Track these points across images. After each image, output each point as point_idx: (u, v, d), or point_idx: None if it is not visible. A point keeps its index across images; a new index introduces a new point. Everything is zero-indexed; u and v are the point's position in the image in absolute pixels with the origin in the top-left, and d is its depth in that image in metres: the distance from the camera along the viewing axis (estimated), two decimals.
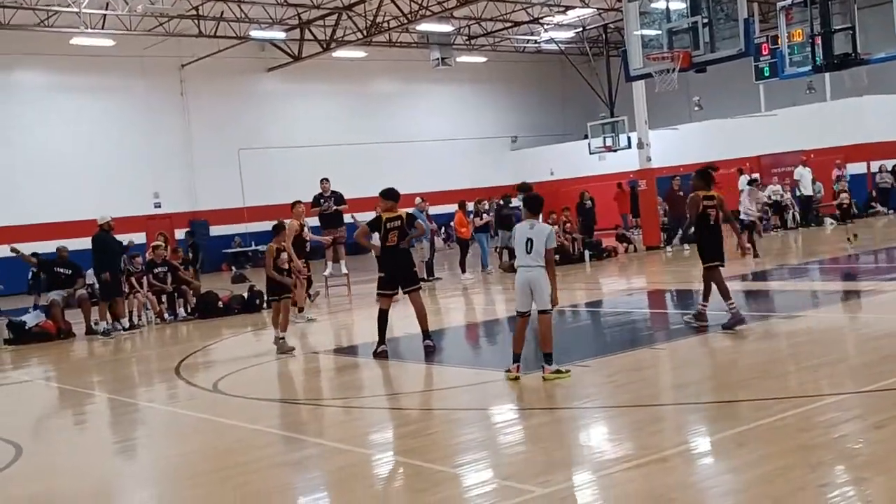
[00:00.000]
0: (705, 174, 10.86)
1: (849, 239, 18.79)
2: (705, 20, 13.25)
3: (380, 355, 10.52)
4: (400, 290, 10.78)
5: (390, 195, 10.76)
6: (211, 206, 33.36)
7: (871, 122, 29.98)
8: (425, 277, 19.42)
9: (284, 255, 12.24)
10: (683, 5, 14.14)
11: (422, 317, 10.68)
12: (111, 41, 29.05)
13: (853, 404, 6.87)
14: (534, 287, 8.49)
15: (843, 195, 27.14)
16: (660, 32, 14.44)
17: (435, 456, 6.42)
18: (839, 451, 5.79)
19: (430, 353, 10.51)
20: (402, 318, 12.66)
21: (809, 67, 15.32)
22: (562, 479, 5.67)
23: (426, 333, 10.70)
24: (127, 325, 15.94)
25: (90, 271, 16.81)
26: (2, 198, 28.96)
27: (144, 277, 17.12)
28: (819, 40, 15.08)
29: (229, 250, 33.25)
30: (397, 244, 10.57)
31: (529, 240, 8.50)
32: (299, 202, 16.21)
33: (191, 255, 22.77)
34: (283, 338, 11.67)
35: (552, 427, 7.13)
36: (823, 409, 6.81)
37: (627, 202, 32.81)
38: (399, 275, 10.64)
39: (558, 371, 8.53)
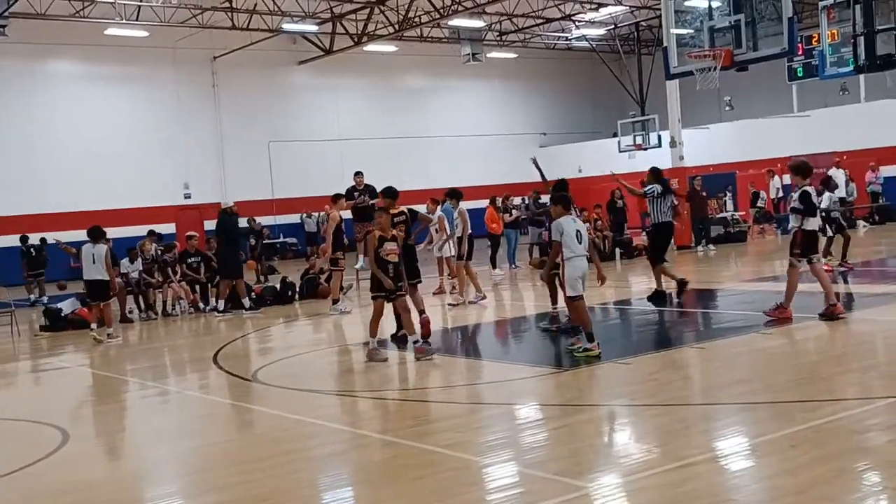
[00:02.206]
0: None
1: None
2: (748, 19, 13.12)
3: (399, 339, 10.85)
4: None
5: (393, 193, 11.25)
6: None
7: None
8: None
9: (390, 245, 10.16)
10: (723, 3, 14.04)
11: (419, 310, 10.80)
12: (145, 32, 29.23)
13: None
14: (587, 273, 9.42)
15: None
16: (699, 30, 14.34)
17: (478, 450, 6.42)
18: (893, 454, 5.73)
19: (420, 355, 10.12)
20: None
21: (851, 68, 15.13)
22: (613, 478, 5.65)
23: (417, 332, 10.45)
24: (248, 304, 16.17)
25: (125, 260, 16.93)
26: (35, 186, 29.22)
27: (178, 267, 17.20)
28: (860, 40, 14.84)
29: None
30: (405, 240, 10.82)
31: (579, 231, 9.32)
32: (341, 195, 16.17)
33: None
34: (376, 347, 10.41)
35: (598, 424, 7.11)
36: (875, 412, 6.74)
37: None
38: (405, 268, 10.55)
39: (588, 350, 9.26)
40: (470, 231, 16.25)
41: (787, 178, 29.71)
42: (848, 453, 5.74)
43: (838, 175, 25.07)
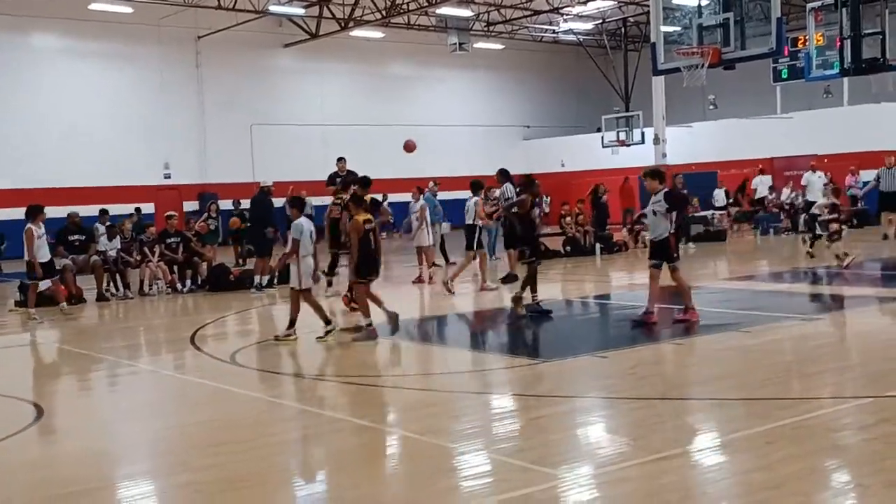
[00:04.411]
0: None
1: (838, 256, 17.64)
2: (736, 17, 13.18)
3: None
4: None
5: (368, 182, 11.69)
6: (221, 180, 33.29)
7: (889, 128, 29.85)
8: (447, 261, 19.61)
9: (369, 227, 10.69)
10: (712, 1, 14.09)
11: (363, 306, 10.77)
12: (129, 8, 28.98)
13: (878, 408, 6.84)
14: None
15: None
16: (687, 28, 14.40)
17: (453, 437, 6.41)
18: (867, 453, 5.77)
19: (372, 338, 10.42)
20: (414, 301, 12.63)
21: (836, 70, 15.23)
22: (587, 469, 5.65)
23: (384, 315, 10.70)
24: (265, 282, 16.55)
25: (103, 238, 16.81)
26: (14, 161, 28.91)
27: (156, 247, 17.08)
28: (846, 43, 14.94)
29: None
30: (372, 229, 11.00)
31: (311, 231, 10.64)
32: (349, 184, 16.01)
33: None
34: (370, 323, 10.61)
35: (573, 416, 7.11)
36: (849, 411, 6.79)
37: (632, 197, 32.80)
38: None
39: None
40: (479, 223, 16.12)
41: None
42: (822, 451, 5.78)
43: (813, 179, 25.13)
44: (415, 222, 16.82)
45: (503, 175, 14.58)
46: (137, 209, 19.04)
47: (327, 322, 10.52)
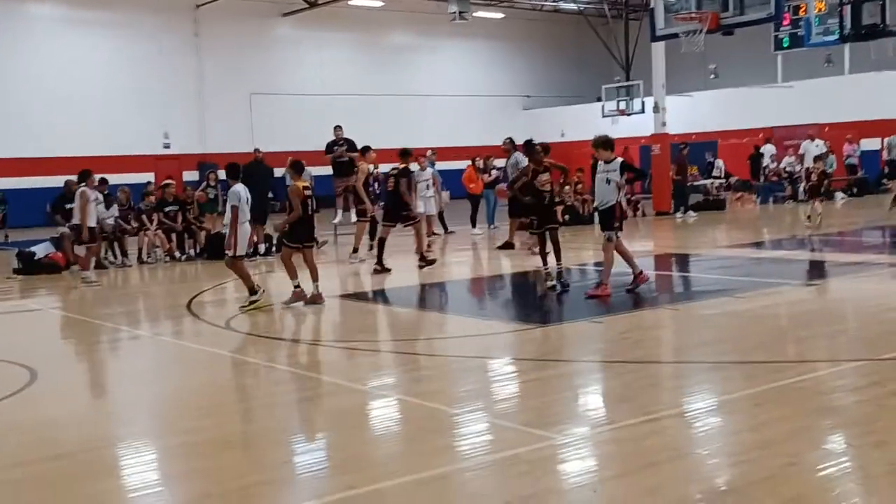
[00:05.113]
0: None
1: (809, 217, 18.37)
2: None
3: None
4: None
5: (300, 168, 11.44)
6: (220, 150, 33.16)
7: (889, 97, 29.68)
8: (445, 230, 19.74)
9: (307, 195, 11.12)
10: None
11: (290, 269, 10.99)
12: None
13: (870, 371, 6.86)
14: None
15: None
16: None
17: (449, 400, 6.43)
18: (858, 415, 5.79)
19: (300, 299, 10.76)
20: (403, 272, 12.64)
21: (836, 37, 15.13)
22: (579, 430, 5.69)
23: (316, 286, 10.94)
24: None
25: (101, 206, 16.75)
26: (11, 130, 28.81)
27: (155, 215, 17.08)
28: (847, 10, 14.84)
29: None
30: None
31: (248, 199, 10.88)
32: (369, 147, 15.88)
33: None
34: (297, 285, 10.96)
35: (569, 379, 7.13)
36: (841, 374, 6.82)
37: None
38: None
39: None
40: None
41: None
42: (813, 412, 5.80)
43: (811, 148, 25.02)
44: (428, 191, 16.80)
45: (511, 144, 14.41)
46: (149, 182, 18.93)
47: (252, 292, 10.54)
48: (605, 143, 10.77)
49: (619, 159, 10.73)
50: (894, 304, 9.80)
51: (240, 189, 10.74)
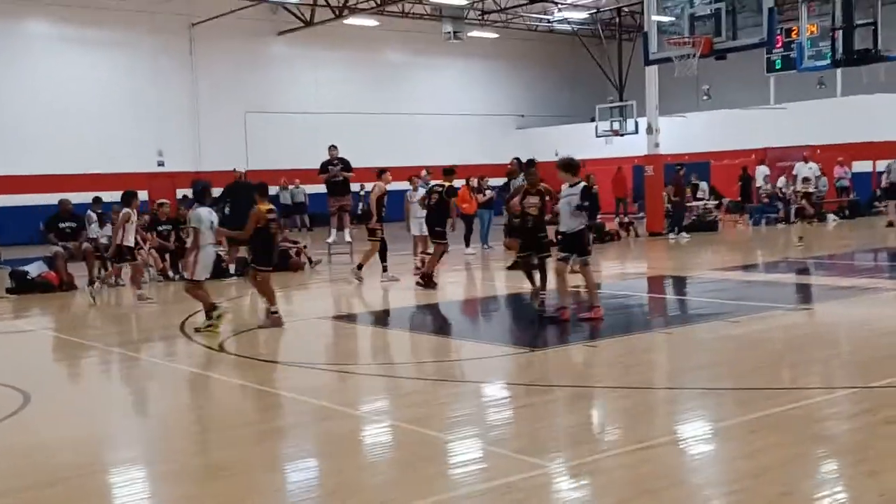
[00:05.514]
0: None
1: (800, 238, 19.09)
2: (728, 7, 13.17)
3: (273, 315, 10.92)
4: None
5: (265, 191, 11.43)
6: (214, 168, 33.17)
7: (882, 119, 29.88)
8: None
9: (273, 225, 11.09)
10: None
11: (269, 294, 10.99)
12: None
13: (862, 398, 6.88)
14: None
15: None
16: (679, 17, 14.38)
17: (441, 426, 6.43)
18: (850, 443, 5.80)
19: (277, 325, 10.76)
20: (402, 290, 12.63)
21: (828, 61, 15.24)
22: (573, 457, 5.68)
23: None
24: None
25: (94, 225, 16.79)
26: (6, 148, 28.80)
27: (148, 235, 17.06)
28: (839, 34, 14.96)
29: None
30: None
31: (213, 222, 10.68)
32: (385, 169, 15.62)
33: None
34: (276, 311, 10.97)
35: (562, 405, 7.13)
36: (835, 401, 6.83)
37: (624, 187, 32.87)
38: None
39: None
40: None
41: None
42: (807, 440, 5.81)
43: (804, 170, 25.14)
44: (420, 211, 16.75)
45: (519, 164, 14.41)
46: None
47: (209, 316, 10.50)
48: (565, 166, 10.49)
49: (582, 184, 10.39)
50: (885, 329, 9.82)
51: (203, 212, 10.60)
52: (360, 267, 15.25)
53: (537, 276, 11.48)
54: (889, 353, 8.46)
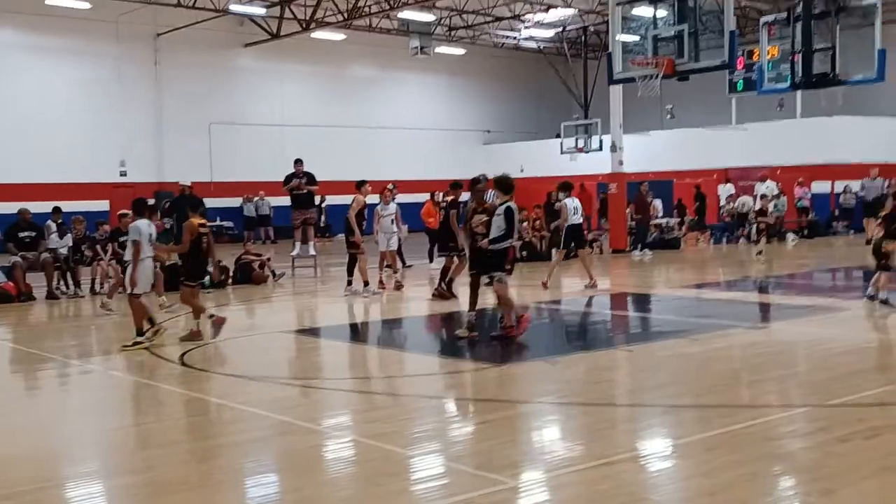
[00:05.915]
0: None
1: (759, 252, 20.45)
2: (691, 29, 13.36)
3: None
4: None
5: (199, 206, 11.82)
6: (177, 179, 32.88)
7: (840, 142, 30.44)
8: (403, 265, 19.63)
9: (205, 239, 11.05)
10: (669, 13, 14.28)
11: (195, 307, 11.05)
12: (87, 4, 28.57)
13: (817, 416, 6.99)
14: None
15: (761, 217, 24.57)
16: (644, 38, 14.57)
17: (403, 441, 6.42)
18: (806, 461, 5.89)
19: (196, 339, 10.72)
20: (367, 304, 12.61)
21: (787, 84, 15.50)
22: (534, 473, 5.71)
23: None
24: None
25: (54, 236, 16.58)
26: None
27: (109, 246, 16.87)
28: (798, 58, 15.23)
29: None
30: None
31: (151, 234, 10.71)
32: (365, 181, 15.60)
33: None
34: (196, 326, 10.97)
35: (524, 421, 7.17)
36: (790, 419, 6.93)
37: (588, 204, 33.08)
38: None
39: None
40: (570, 222, 16.13)
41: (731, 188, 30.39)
42: (762, 458, 5.88)
43: (762, 189, 25.50)
44: (392, 227, 16.73)
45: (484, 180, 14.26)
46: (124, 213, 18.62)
47: (140, 333, 10.41)
48: (497, 184, 10.48)
49: (508, 205, 10.24)
50: (841, 348, 9.97)
51: (141, 225, 10.56)
52: (366, 284, 15.26)
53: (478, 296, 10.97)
54: (844, 371, 8.60)
